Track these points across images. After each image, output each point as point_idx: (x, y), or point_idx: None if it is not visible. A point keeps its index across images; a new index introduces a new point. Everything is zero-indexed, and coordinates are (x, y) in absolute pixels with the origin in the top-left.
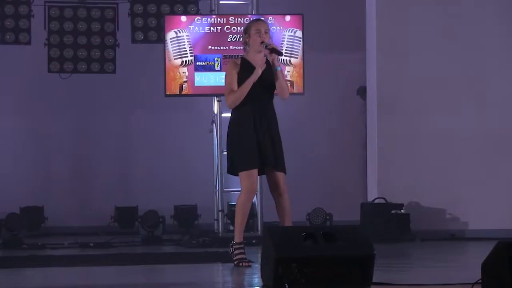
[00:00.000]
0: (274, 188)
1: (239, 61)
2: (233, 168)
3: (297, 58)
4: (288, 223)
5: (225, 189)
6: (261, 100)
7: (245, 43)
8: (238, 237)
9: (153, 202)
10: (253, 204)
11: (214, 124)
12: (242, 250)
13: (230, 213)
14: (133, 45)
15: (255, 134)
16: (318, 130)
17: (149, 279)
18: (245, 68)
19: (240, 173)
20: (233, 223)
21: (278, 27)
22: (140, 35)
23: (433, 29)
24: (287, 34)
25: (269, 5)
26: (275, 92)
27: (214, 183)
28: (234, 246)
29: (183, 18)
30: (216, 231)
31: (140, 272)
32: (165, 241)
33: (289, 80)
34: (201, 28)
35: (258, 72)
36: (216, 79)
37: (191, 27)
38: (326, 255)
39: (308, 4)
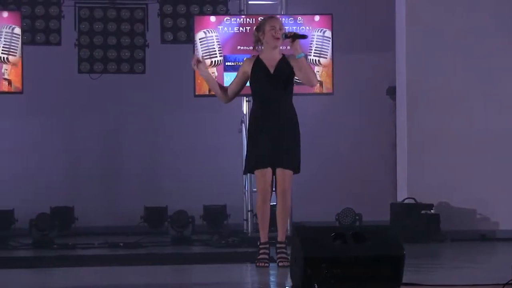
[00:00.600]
0: (276, 184)
1: (253, 61)
2: (246, 168)
3: (326, 58)
4: (281, 225)
5: (254, 189)
6: (271, 98)
7: (258, 41)
8: (261, 237)
9: (182, 202)
10: None
11: (243, 124)
12: (265, 250)
13: None
14: (162, 45)
15: (265, 133)
16: (348, 130)
17: (178, 279)
18: (258, 68)
19: (254, 173)
20: None
21: (307, 27)
22: (169, 36)
23: (464, 27)
24: (316, 34)
25: (298, 5)
26: (303, 82)
27: (243, 183)
28: (259, 246)
29: (212, 18)
30: (245, 231)
31: (169, 272)
32: (194, 241)
33: (318, 81)
34: (230, 28)
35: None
36: None
37: (220, 27)
38: (356, 255)
39: (337, 4)
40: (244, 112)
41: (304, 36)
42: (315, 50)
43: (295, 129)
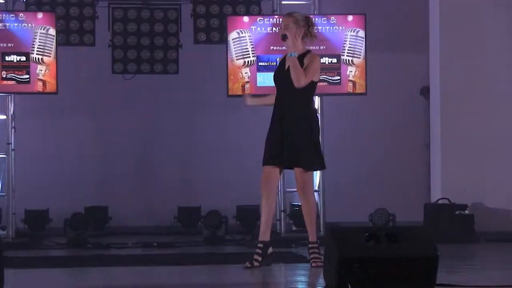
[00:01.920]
0: (296, 184)
1: (282, 59)
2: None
3: (359, 58)
4: (309, 224)
5: (287, 189)
6: (283, 95)
7: None
8: (259, 235)
9: (215, 202)
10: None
11: None
12: (258, 250)
13: (292, 213)
14: (195, 45)
15: (275, 130)
16: (381, 130)
17: (212, 279)
18: (280, 65)
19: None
20: (295, 224)
21: (340, 27)
22: (202, 36)
23: (498, 28)
24: (349, 34)
25: (331, 5)
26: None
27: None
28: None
29: (245, 18)
30: (278, 231)
31: (203, 272)
32: (228, 241)
33: (351, 80)
34: (263, 28)
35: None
36: None
37: (253, 27)
38: (389, 256)
39: (371, 4)
40: None
41: (282, 37)
42: (348, 50)
43: (306, 127)
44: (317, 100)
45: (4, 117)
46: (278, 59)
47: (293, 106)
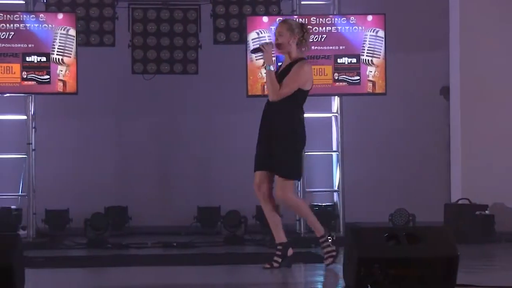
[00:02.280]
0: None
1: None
2: None
3: (379, 58)
4: (309, 223)
5: (307, 189)
6: (268, 103)
7: None
8: (276, 238)
9: (235, 202)
10: (334, 205)
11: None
12: (277, 252)
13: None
14: (215, 46)
15: (261, 136)
16: (401, 130)
17: (231, 279)
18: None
19: None
20: None
21: (360, 27)
22: (222, 36)
23: None
24: (369, 34)
25: (351, 5)
26: None
27: (296, 183)
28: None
29: (265, 18)
30: (298, 231)
31: (222, 272)
32: (247, 241)
33: (370, 80)
34: None
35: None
36: None
37: (272, 27)
38: (409, 256)
39: (390, 4)
40: None
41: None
42: (368, 50)
43: (286, 134)
44: (336, 100)
45: (24, 117)
46: None
47: (280, 112)
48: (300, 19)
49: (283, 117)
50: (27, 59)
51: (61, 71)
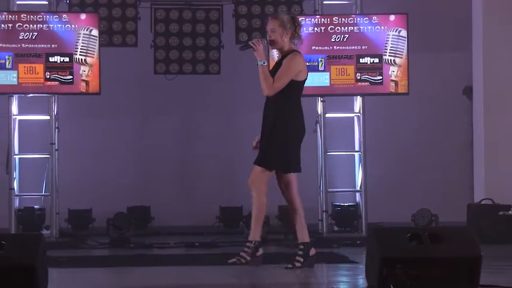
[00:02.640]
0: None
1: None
2: None
3: (401, 58)
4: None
5: (329, 190)
6: (266, 99)
7: None
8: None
9: None
10: (357, 205)
11: (317, 125)
12: (246, 249)
13: (334, 213)
14: (237, 46)
15: (262, 131)
16: (423, 130)
17: (254, 279)
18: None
19: None
20: (337, 224)
21: (382, 27)
22: (244, 36)
23: None
24: (391, 34)
25: (373, 4)
26: None
27: (318, 183)
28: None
29: None
30: (320, 231)
31: (245, 272)
32: (270, 241)
33: (393, 80)
34: (305, 28)
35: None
36: (320, 79)
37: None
38: (432, 256)
39: (413, 3)
40: (319, 112)
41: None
42: (390, 49)
43: (279, 126)
44: (359, 100)
45: (47, 117)
46: (319, 59)
47: (274, 105)
48: (323, 19)
49: (279, 109)
50: (50, 59)
51: (84, 71)
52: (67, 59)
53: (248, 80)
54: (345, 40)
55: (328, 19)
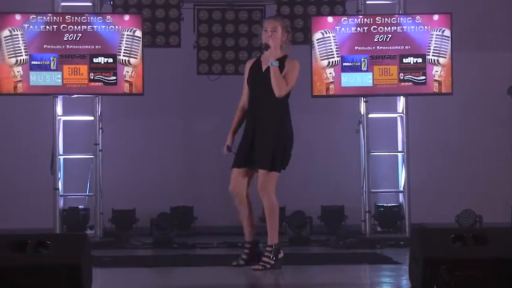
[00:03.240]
0: (258, 185)
1: (251, 62)
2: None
3: (445, 57)
4: (268, 225)
5: (372, 190)
6: (254, 100)
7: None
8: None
9: (300, 202)
10: (400, 205)
11: (360, 125)
12: (244, 250)
13: (377, 214)
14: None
15: (246, 134)
16: (467, 130)
17: (296, 279)
18: (255, 67)
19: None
20: (380, 225)
21: (425, 27)
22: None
23: None
24: (435, 34)
25: (416, 4)
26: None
27: (361, 184)
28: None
29: (330, 19)
30: (363, 232)
31: (288, 272)
32: (312, 241)
33: (436, 80)
34: (347, 28)
35: None
36: (363, 79)
37: (337, 28)
38: (476, 257)
39: (456, 3)
40: (362, 113)
41: (265, 47)
42: (433, 49)
43: (276, 129)
44: (402, 100)
45: (91, 118)
46: (362, 59)
47: (260, 108)
48: (365, 19)
49: (275, 112)
50: (94, 60)
51: (128, 72)
52: (111, 60)
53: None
54: (388, 40)
55: (371, 19)
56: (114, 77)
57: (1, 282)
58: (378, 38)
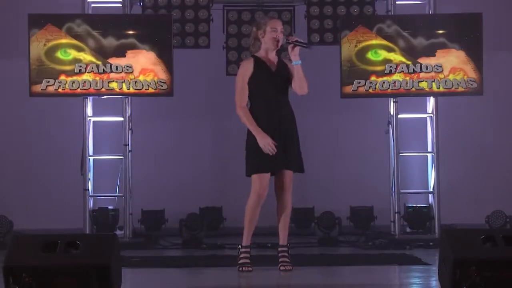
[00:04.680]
0: (279, 186)
1: (252, 62)
2: (246, 170)
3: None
4: (284, 223)
5: (401, 191)
6: (274, 100)
7: (256, 40)
8: (244, 240)
9: (329, 203)
10: (430, 206)
11: (390, 125)
12: (247, 255)
13: (407, 215)
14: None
15: (274, 136)
16: (497, 130)
17: (325, 280)
18: (259, 67)
19: (252, 176)
20: (410, 226)
21: None
22: (316, 37)
23: None
24: None
25: (446, 4)
26: (293, 88)
27: (390, 184)
28: (240, 250)
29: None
30: (392, 233)
31: (317, 272)
32: (341, 242)
33: None
34: None
35: (262, 140)
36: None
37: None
38: (507, 258)
39: (487, 3)
40: (391, 113)
41: (305, 45)
42: None
43: (296, 130)
44: (432, 101)
45: (121, 119)
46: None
47: (281, 108)
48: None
49: (289, 113)
50: None
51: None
52: None
53: (320, 81)
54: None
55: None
56: None
57: (31, 282)
58: None
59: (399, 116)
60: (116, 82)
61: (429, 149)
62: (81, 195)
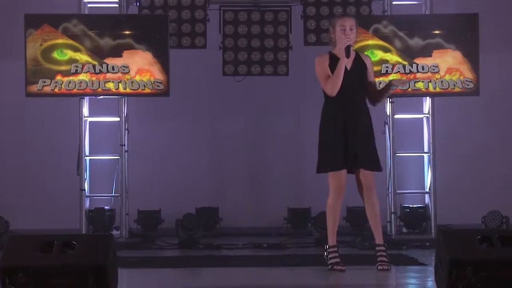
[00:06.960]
0: (361, 187)
1: (327, 55)
2: (321, 168)
3: None
4: (375, 222)
5: (397, 191)
6: (349, 97)
7: (331, 39)
8: (331, 240)
9: (325, 203)
10: (426, 206)
11: (386, 126)
12: (336, 254)
13: (403, 215)
14: (305, 47)
15: (343, 133)
16: (494, 131)
17: (322, 280)
18: (334, 62)
19: (329, 174)
20: (406, 226)
21: None
22: (312, 37)
23: None
24: None
25: (443, 4)
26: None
27: (387, 185)
28: (328, 250)
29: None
30: (388, 233)
31: (313, 273)
32: (338, 242)
33: None
34: None
35: (342, 62)
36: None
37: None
38: (503, 259)
39: (483, 3)
40: (388, 113)
41: (347, 53)
42: None
43: (372, 128)
44: (428, 101)
45: (117, 119)
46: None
47: (357, 105)
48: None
49: (365, 111)
50: None
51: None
52: None
53: (317, 82)
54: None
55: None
56: None
57: (27, 282)
58: None
59: (396, 116)
60: (113, 82)
61: (425, 149)
62: (77, 195)
